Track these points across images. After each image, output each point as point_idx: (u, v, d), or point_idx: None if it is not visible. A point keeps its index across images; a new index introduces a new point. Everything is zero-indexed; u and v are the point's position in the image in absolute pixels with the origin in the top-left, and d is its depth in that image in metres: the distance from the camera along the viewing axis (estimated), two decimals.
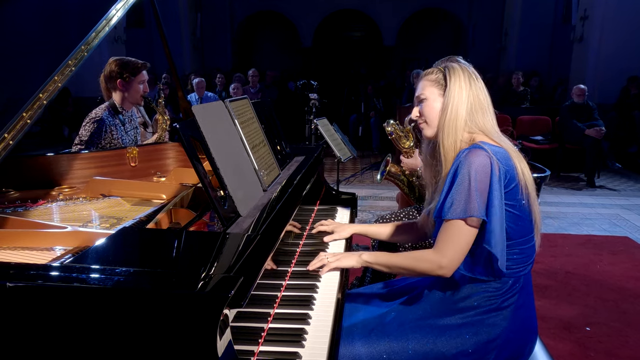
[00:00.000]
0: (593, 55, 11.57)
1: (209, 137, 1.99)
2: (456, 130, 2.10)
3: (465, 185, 1.96)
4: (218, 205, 1.88)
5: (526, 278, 2.12)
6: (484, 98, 2.14)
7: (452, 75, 2.14)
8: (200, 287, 1.32)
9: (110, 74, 3.67)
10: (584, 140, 9.29)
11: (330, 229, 2.67)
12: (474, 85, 2.13)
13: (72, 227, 2.03)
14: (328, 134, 5.38)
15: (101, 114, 3.57)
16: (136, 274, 1.41)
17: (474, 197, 1.94)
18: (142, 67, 3.72)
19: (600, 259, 5.57)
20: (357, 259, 2.25)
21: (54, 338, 1.32)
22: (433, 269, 2.04)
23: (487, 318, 2.06)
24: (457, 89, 2.11)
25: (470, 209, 1.94)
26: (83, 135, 3.49)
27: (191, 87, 10.46)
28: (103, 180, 2.76)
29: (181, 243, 1.73)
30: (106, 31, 2.66)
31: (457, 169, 2.00)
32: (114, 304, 1.31)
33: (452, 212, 1.98)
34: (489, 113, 2.15)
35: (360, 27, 21.55)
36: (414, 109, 2.28)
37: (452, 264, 2.02)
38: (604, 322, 4.11)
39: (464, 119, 2.10)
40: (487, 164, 1.95)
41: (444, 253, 2.02)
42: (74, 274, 1.40)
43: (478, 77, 2.18)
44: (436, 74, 2.20)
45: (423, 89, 2.22)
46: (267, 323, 1.83)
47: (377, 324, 2.14)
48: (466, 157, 1.98)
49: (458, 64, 2.18)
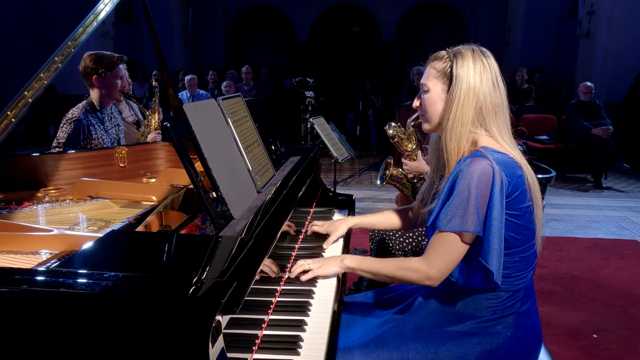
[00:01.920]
0: (600, 51, 11.59)
1: (201, 136, 1.99)
2: (460, 134, 2.01)
3: (464, 198, 1.90)
4: (210, 208, 1.88)
5: (528, 285, 2.11)
6: (498, 97, 2.02)
7: (460, 67, 2.01)
8: (191, 293, 1.32)
9: (85, 70, 3.64)
10: (590, 140, 9.30)
11: (324, 230, 2.65)
12: (486, 79, 2.01)
13: (59, 230, 2.03)
14: (324, 133, 5.39)
15: (78, 114, 3.54)
16: (125, 278, 1.41)
17: (472, 211, 1.90)
18: (118, 60, 3.68)
19: (608, 263, 5.57)
20: (340, 264, 2.21)
21: (40, 345, 1.32)
22: (420, 279, 2.03)
23: (490, 327, 2.05)
24: (465, 85, 1.99)
25: (467, 224, 1.90)
26: (60, 138, 3.47)
27: (182, 84, 10.46)
28: (91, 181, 2.76)
29: (172, 247, 1.73)
30: (94, 26, 2.67)
31: (456, 178, 1.94)
32: (102, 310, 1.31)
33: (447, 225, 1.93)
34: (501, 114, 2.04)
35: (358, 22, 21.54)
36: (416, 98, 2.20)
37: (440, 275, 2.00)
38: (612, 329, 4.11)
39: (470, 121, 2.01)
40: (489, 174, 1.90)
41: (433, 264, 1.99)
42: (61, 278, 1.40)
43: (495, 69, 2.05)
44: (444, 62, 2.07)
45: (427, 79, 2.11)
46: (261, 330, 1.84)
47: (375, 334, 2.13)
48: (468, 166, 1.92)
49: (471, 51, 2.04)
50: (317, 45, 20.97)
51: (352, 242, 3.02)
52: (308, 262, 2.25)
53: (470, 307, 2.08)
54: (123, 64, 3.74)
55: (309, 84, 8.40)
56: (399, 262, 2.12)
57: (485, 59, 2.04)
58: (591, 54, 11.82)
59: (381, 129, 12.63)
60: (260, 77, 12.79)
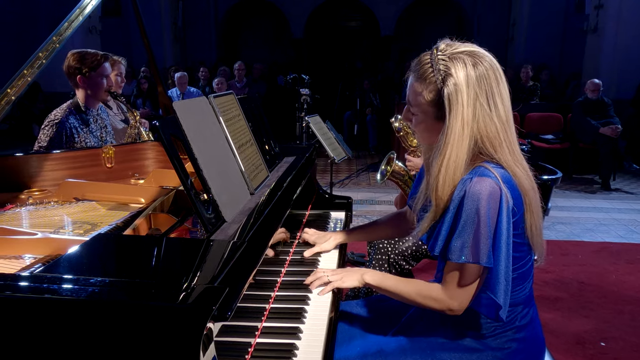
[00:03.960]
0: (608, 46, 11.59)
1: (192, 135, 2.00)
2: (455, 171, 1.88)
3: (475, 225, 1.83)
4: (201, 210, 1.88)
5: (527, 296, 2.10)
6: (495, 122, 1.87)
7: (454, 97, 1.84)
8: (181, 299, 1.32)
9: (68, 70, 3.62)
10: (598, 140, 9.32)
11: (312, 239, 2.65)
12: (479, 108, 1.85)
13: (43, 233, 2.03)
14: (321, 132, 5.39)
15: (60, 115, 3.53)
16: (112, 284, 1.41)
17: (484, 239, 1.82)
18: (103, 59, 3.66)
19: (616, 268, 5.59)
20: (359, 279, 2.19)
21: (23, 354, 1.32)
22: (442, 309, 1.99)
23: (491, 340, 2.06)
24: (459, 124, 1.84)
25: (479, 255, 1.84)
26: (42, 140, 3.45)
27: (172, 81, 10.46)
28: (76, 182, 2.76)
29: (161, 251, 1.74)
30: (80, 21, 2.67)
31: (461, 200, 1.85)
32: (88, 317, 1.31)
33: (460, 256, 1.86)
34: (503, 136, 1.89)
35: (356, 16, 21.54)
36: (405, 109, 2.07)
37: (462, 307, 1.97)
38: (620, 337, 4.12)
39: (468, 152, 1.88)
40: (497, 197, 1.82)
41: (455, 296, 1.96)
42: (45, 284, 1.40)
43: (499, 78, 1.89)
44: (432, 86, 1.89)
45: (413, 99, 1.98)
46: (254, 338, 1.84)
47: (375, 346, 2.13)
48: (473, 188, 1.83)
49: (462, 64, 1.85)
50: (313, 40, 20.99)
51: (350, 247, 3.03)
52: (327, 273, 2.24)
53: (472, 323, 2.08)
54: (123, 64, 3.73)
55: (305, 81, 8.41)
56: (421, 287, 2.06)
57: (479, 67, 1.86)
58: (599, 49, 11.83)
59: (380, 128, 12.71)
60: (253, 74, 12.81)
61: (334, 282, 2.19)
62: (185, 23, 17.94)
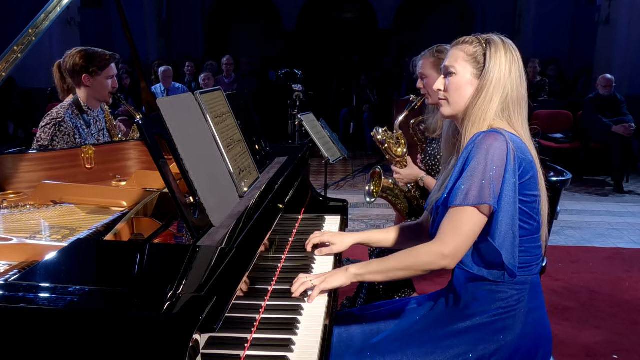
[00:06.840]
0: (621, 39, 11.57)
1: (177, 134, 2.00)
2: (484, 121, 2.12)
3: (480, 170, 2.00)
4: (187, 214, 1.89)
5: (534, 281, 2.17)
6: (523, 90, 2.17)
7: (494, 55, 2.14)
8: (166, 309, 1.33)
9: (74, 68, 3.63)
10: (610, 139, 9.34)
11: (325, 239, 2.62)
12: (515, 71, 2.14)
13: (18, 239, 2.03)
14: (314, 131, 5.40)
15: (63, 113, 3.54)
16: (92, 293, 1.41)
17: (488, 183, 1.98)
18: (111, 59, 3.68)
19: (630, 275, 5.58)
20: (345, 274, 2.22)
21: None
22: (435, 260, 2.07)
23: (493, 323, 2.10)
24: (497, 74, 2.12)
25: (484, 195, 1.98)
26: (42, 140, 3.46)
27: (156, 76, 10.46)
28: (54, 184, 2.76)
29: (144, 257, 1.74)
30: (57, 12, 2.67)
31: (469, 153, 2.04)
32: (66, 328, 1.31)
33: (463, 199, 2.02)
34: (524, 107, 2.19)
35: (352, 7, 21.53)
36: (439, 80, 2.28)
37: (457, 253, 2.05)
38: (634, 349, 4.13)
39: (494, 111, 2.13)
40: (504, 149, 2.00)
41: (447, 241, 2.04)
42: (21, 293, 1.40)
43: (521, 62, 2.20)
44: (475, 46, 2.20)
45: (455, 61, 2.22)
46: (244, 350, 1.84)
47: (370, 343, 2.16)
48: (482, 140, 2.03)
49: (501, 41, 2.19)
50: (306, 33, 20.96)
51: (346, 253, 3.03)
52: (309, 277, 2.25)
53: (472, 307, 2.14)
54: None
55: (297, 77, 8.40)
56: (406, 251, 2.16)
57: (514, 50, 2.18)
58: (611, 42, 11.81)
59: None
60: (242, 69, 12.79)
61: (318, 285, 2.20)
62: (170, 15, 17.90)
